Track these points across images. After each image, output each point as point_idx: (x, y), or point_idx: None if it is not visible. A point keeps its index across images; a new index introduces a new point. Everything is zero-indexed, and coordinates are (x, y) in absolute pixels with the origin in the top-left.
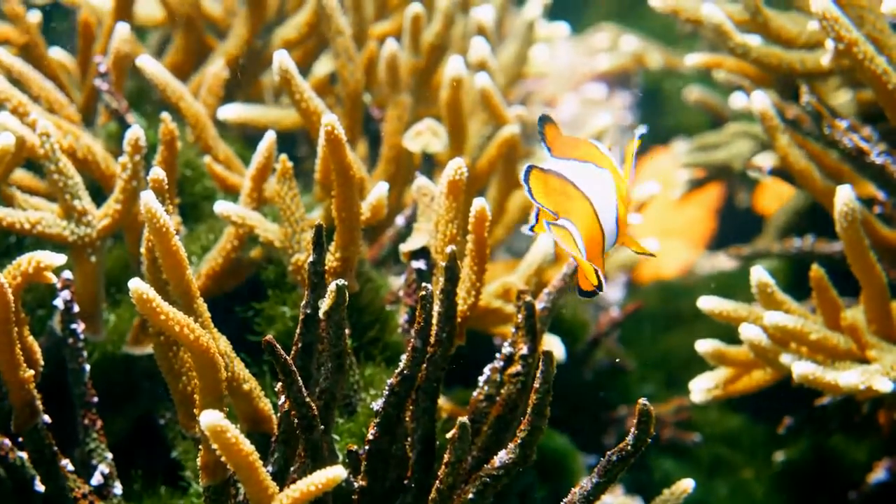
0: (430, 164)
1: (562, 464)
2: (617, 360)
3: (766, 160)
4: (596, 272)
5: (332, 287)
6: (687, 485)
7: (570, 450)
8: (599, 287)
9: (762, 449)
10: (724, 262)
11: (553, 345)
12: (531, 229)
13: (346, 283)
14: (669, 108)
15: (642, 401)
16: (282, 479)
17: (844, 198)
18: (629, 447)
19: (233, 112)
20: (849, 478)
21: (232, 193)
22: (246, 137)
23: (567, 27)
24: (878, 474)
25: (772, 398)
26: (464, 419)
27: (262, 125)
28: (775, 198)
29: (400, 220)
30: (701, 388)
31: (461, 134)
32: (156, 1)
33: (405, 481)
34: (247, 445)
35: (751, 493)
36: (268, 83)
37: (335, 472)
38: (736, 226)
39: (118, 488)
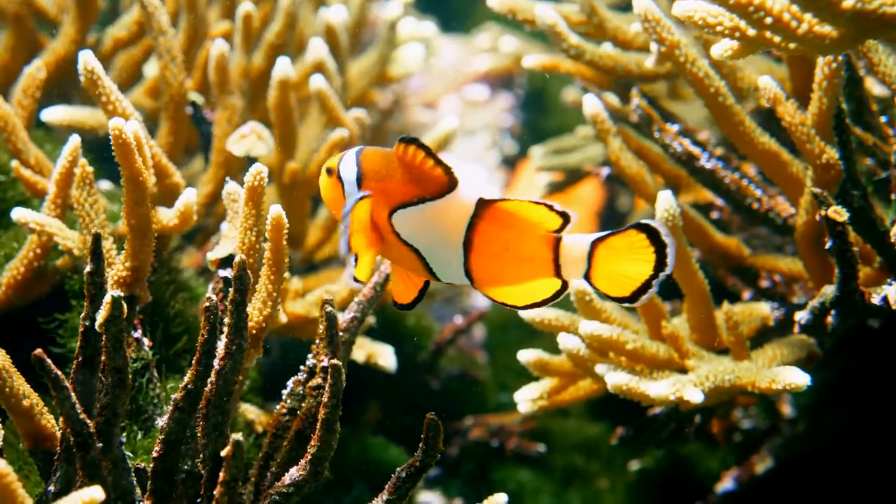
0: None
1: None
2: (466, 370)
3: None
4: None
5: (106, 299)
6: (500, 500)
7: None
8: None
9: (619, 458)
10: None
11: (383, 354)
12: None
13: (121, 294)
14: (553, 110)
15: (430, 415)
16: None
17: (665, 203)
18: (418, 463)
19: (57, 114)
20: (701, 487)
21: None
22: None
23: (433, 26)
24: (726, 484)
25: (634, 405)
26: (237, 436)
27: (89, 128)
28: None
29: (225, 227)
30: (526, 398)
31: (290, 137)
32: None
33: (199, 500)
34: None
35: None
36: None
37: (91, 494)
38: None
39: None
